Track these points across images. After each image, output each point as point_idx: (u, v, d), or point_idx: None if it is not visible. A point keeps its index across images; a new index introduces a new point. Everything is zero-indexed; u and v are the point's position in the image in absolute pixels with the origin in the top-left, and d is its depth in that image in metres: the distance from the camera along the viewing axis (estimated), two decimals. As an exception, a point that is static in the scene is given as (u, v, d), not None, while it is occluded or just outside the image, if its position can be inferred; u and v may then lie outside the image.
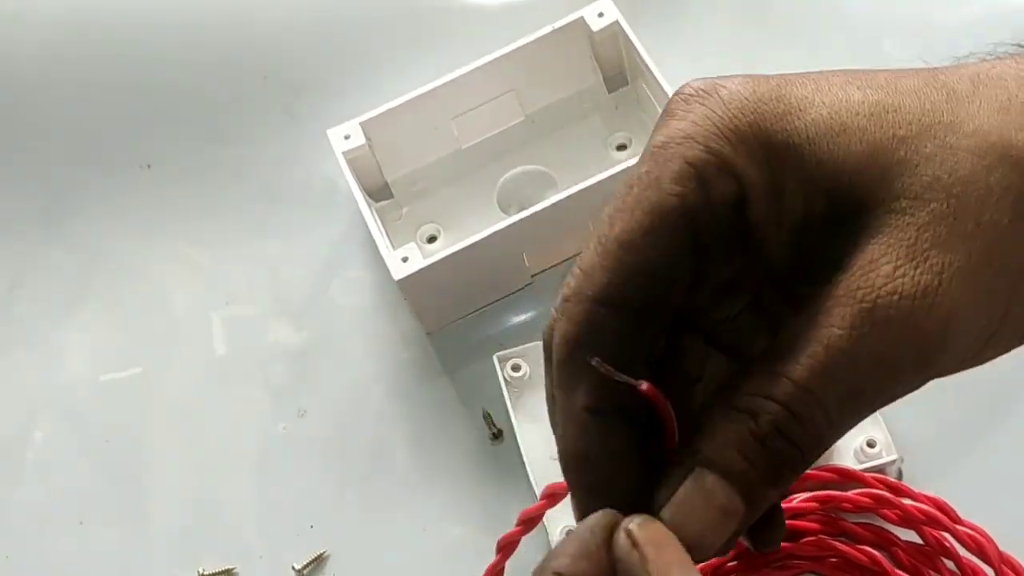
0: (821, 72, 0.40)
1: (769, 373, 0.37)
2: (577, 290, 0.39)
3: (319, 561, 0.70)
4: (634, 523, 0.37)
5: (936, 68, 0.40)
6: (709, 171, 0.38)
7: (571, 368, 0.39)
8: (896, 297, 0.36)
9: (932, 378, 0.38)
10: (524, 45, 0.76)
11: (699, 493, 0.37)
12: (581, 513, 0.39)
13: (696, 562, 0.37)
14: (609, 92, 0.79)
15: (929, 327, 0.36)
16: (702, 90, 0.39)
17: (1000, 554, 0.62)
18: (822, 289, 0.37)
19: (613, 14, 0.75)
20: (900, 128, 0.37)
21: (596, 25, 0.75)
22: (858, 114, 0.38)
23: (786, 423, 0.37)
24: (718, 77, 0.40)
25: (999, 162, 0.37)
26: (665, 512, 0.37)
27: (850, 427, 0.38)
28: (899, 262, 0.36)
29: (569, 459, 0.39)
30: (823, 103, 0.38)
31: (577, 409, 0.39)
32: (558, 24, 0.76)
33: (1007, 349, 0.39)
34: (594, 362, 0.37)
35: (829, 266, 0.38)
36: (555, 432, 0.40)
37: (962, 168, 0.37)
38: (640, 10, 0.81)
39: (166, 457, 0.74)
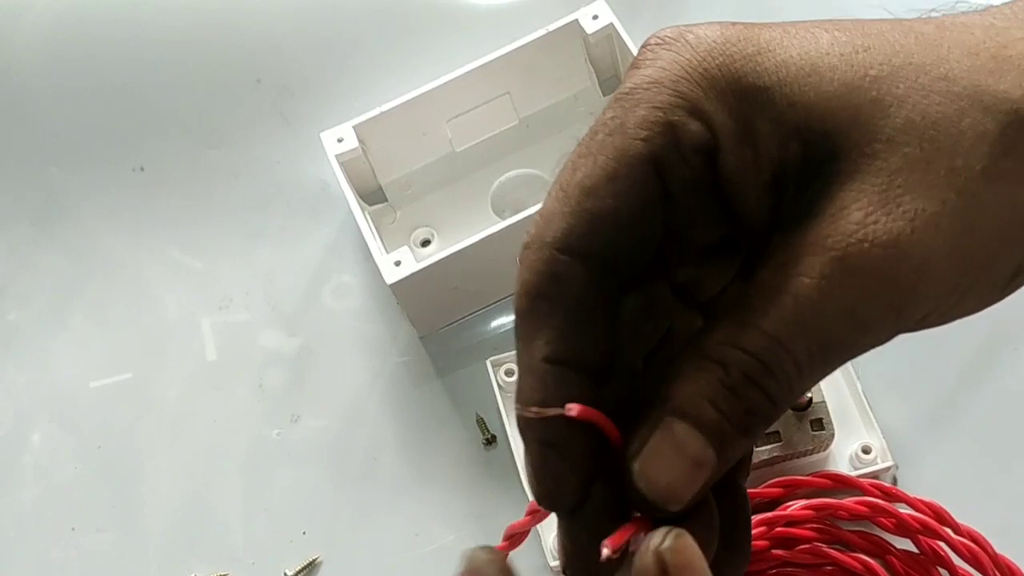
0: (785, 21, 0.39)
1: (739, 322, 0.36)
2: (537, 237, 0.37)
3: (311, 567, 0.70)
4: (666, 544, 0.35)
5: (900, 18, 0.39)
6: (678, 115, 0.37)
7: (531, 319, 0.37)
8: (867, 245, 0.35)
9: (904, 331, 0.37)
10: (518, 48, 0.75)
11: (670, 444, 0.36)
12: (536, 470, 0.37)
13: (668, 514, 0.36)
14: (604, 95, 0.78)
15: (901, 276, 0.35)
16: (669, 37, 0.38)
17: (996, 558, 0.62)
18: (792, 236, 0.36)
19: (607, 17, 0.75)
20: (872, 68, 0.36)
21: (590, 28, 0.75)
22: (828, 54, 0.37)
23: (757, 373, 0.36)
24: (686, 25, 0.39)
25: (971, 107, 0.36)
26: (636, 464, 0.36)
27: (821, 377, 0.37)
28: (870, 208, 0.35)
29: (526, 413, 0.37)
30: (792, 44, 0.37)
31: (536, 360, 0.37)
32: (552, 27, 0.76)
33: (983, 304, 0.38)
34: (524, 410, 0.36)
35: (803, 215, 0.36)
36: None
37: (935, 112, 0.36)
38: (635, 13, 0.81)
39: (158, 463, 0.74)
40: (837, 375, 0.69)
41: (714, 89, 0.37)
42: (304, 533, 0.71)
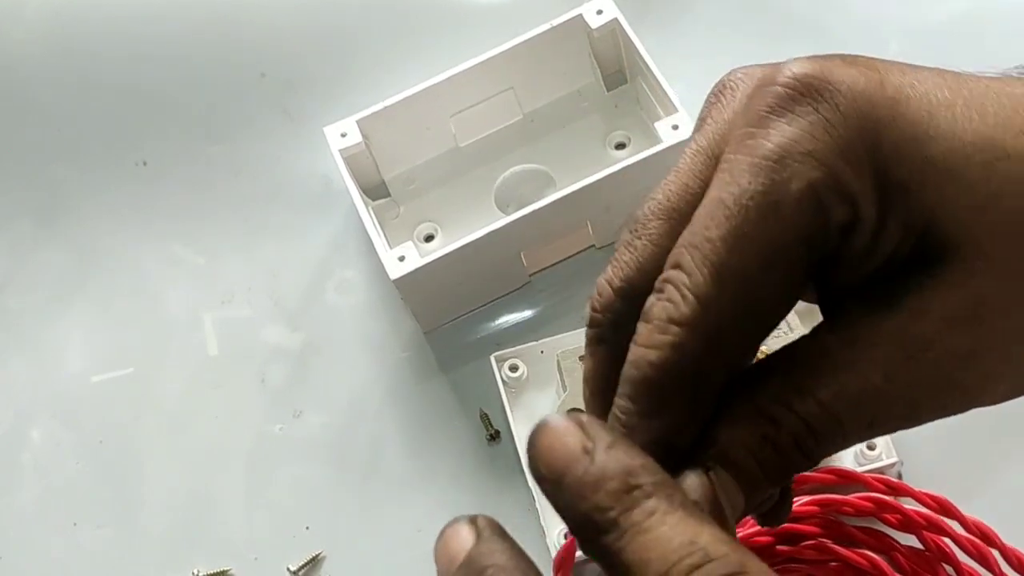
0: (929, 81, 0.37)
1: (798, 386, 0.37)
2: (691, 320, 0.36)
3: (315, 562, 0.70)
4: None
5: None
6: (829, 196, 0.36)
7: (657, 397, 0.37)
8: (942, 354, 0.36)
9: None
10: (522, 43, 0.75)
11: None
12: None
13: None
14: (608, 90, 0.78)
15: (967, 386, 0.37)
16: (813, 88, 0.36)
17: (1005, 549, 0.62)
18: (872, 316, 0.37)
19: (612, 12, 0.75)
20: (1007, 183, 0.36)
21: (595, 23, 0.75)
22: (969, 158, 0.36)
23: (805, 437, 0.37)
24: (822, 62, 0.37)
25: None
26: None
27: (857, 444, 0.39)
28: (955, 319, 0.36)
29: None
30: (939, 136, 0.36)
31: (646, 438, 0.37)
32: (556, 21, 0.75)
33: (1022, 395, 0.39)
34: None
35: (888, 299, 0.37)
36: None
37: None
38: (640, 8, 0.80)
39: (160, 458, 0.74)
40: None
41: (863, 172, 0.36)
42: (307, 528, 0.71)
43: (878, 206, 0.36)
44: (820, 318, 0.39)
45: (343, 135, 0.74)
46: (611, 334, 0.39)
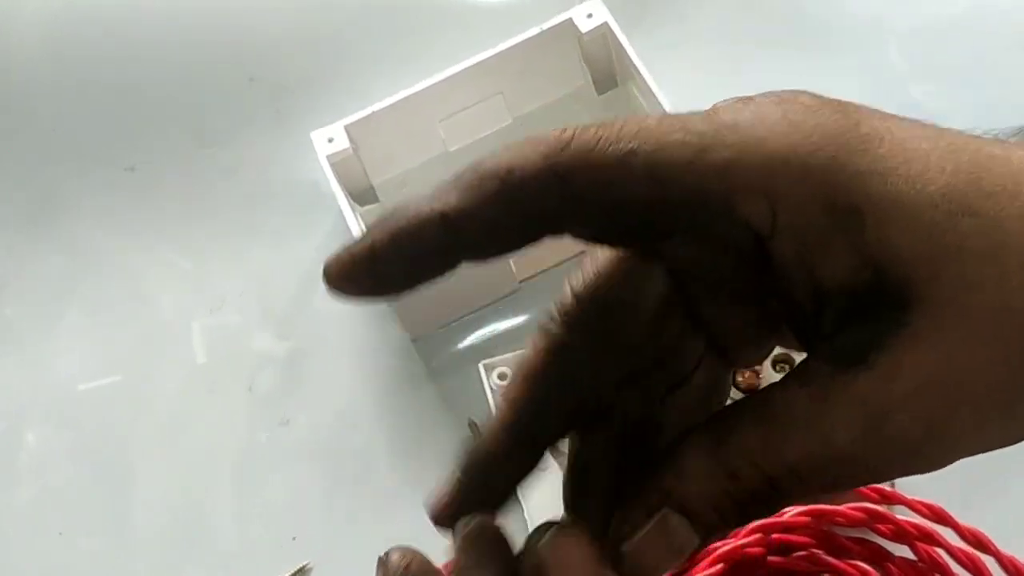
0: (908, 131, 0.36)
1: (764, 442, 0.36)
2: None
3: (302, 573, 0.69)
4: (544, 539, 0.38)
5: (1007, 153, 0.37)
6: (745, 186, 0.35)
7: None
8: (908, 419, 0.35)
9: None
10: (512, 47, 0.75)
11: (663, 534, 0.37)
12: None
13: None
14: (599, 94, 0.77)
15: (930, 455, 0.37)
16: (787, 98, 0.36)
17: (1000, 555, 0.62)
18: (838, 374, 0.36)
19: (602, 15, 0.74)
20: (971, 238, 0.35)
21: (585, 27, 0.74)
22: (936, 206, 0.35)
23: (767, 495, 0.37)
24: (806, 92, 0.37)
25: None
26: (627, 546, 0.38)
27: None
28: (921, 384, 0.35)
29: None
30: (908, 178, 0.35)
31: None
32: (546, 25, 0.75)
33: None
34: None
35: (854, 354, 0.36)
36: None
37: (1010, 300, 0.35)
38: (631, 12, 0.80)
39: (148, 467, 0.73)
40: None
41: (806, 185, 0.35)
42: (294, 539, 0.70)
43: (821, 224, 0.35)
44: None
45: (330, 140, 0.74)
46: (561, 328, 0.40)
